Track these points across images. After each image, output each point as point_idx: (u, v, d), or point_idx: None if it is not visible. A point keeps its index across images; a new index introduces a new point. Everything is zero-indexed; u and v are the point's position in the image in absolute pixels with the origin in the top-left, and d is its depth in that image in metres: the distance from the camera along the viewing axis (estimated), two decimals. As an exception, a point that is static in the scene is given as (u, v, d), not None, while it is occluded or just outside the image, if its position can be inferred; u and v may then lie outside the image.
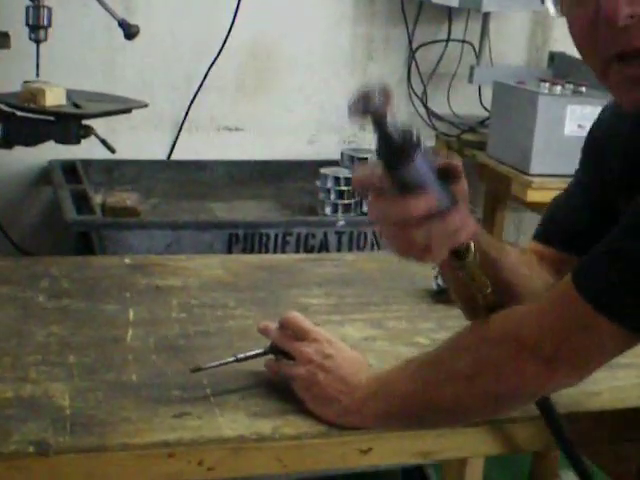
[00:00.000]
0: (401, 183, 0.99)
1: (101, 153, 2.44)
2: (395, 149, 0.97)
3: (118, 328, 1.42)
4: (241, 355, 1.29)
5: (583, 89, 2.69)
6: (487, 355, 1.10)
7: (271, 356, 1.29)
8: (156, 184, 2.90)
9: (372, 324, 1.52)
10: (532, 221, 3.31)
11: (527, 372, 1.07)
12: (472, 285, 1.15)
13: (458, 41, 3.14)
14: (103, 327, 1.42)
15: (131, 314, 1.47)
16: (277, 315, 1.49)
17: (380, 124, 0.96)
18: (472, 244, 1.10)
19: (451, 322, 1.55)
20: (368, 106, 0.96)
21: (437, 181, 1.02)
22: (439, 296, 1.64)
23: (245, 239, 2.43)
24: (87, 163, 2.81)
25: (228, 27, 2.89)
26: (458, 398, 1.13)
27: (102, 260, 1.71)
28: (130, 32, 2.30)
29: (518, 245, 1.28)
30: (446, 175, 1.05)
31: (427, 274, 1.74)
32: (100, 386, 1.23)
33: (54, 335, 1.38)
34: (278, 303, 1.57)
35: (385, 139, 0.97)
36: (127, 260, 1.71)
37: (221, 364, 1.29)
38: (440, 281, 1.64)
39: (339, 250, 2.52)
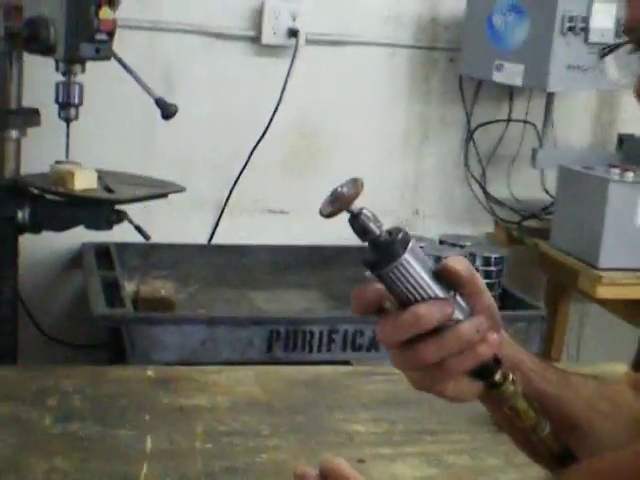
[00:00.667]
0: (392, 289, 0.82)
1: (137, 236, 2.27)
2: (376, 243, 0.83)
3: (132, 462, 1.22)
4: None
5: (657, 176, 2.47)
6: None
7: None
8: (195, 269, 2.72)
9: (428, 460, 1.30)
10: (599, 314, 3.07)
11: None
12: (521, 425, 0.93)
13: (519, 121, 2.95)
14: (114, 460, 1.22)
15: (148, 444, 1.27)
16: (317, 446, 1.30)
17: (354, 216, 0.84)
18: (510, 373, 0.89)
19: (520, 458, 1.32)
20: (340, 201, 0.84)
21: (439, 287, 0.83)
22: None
23: (287, 336, 2.23)
24: (122, 247, 2.64)
25: (275, 104, 2.73)
26: None
27: (121, 372, 1.51)
28: (168, 112, 2.13)
29: (593, 377, 1.04)
30: (458, 285, 0.85)
31: (491, 395, 1.52)
32: None
33: (56, 471, 1.18)
34: (319, 431, 1.36)
35: (363, 233, 0.83)
36: (149, 372, 1.51)
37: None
38: (507, 406, 1.41)
39: (389, 349, 2.31)
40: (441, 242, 2.65)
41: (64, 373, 1.47)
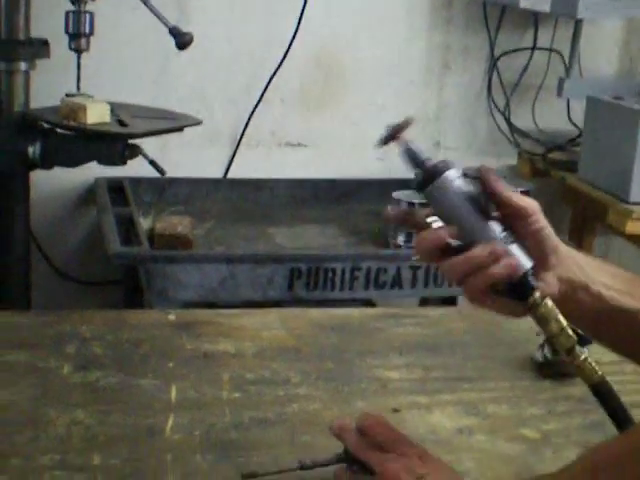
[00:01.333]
0: (433, 205, 0.97)
1: (151, 170, 2.19)
2: (420, 162, 0.97)
3: (156, 414, 1.15)
4: (307, 462, 1.02)
5: (691, 107, 2.37)
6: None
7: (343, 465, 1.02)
8: (211, 205, 2.65)
9: (466, 409, 1.24)
10: (623, 249, 3.00)
11: None
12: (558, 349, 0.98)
13: (545, 49, 2.83)
14: (138, 412, 1.16)
15: (173, 393, 1.21)
16: (350, 395, 1.24)
17: (403, 145, 0.99)
18: (548, 299, 0.95)
19: (563, 406, 1.28)
20: (392, 133, 1.00)
21: (478, 204, 0.96)
22: (546, 370, 1.36)
23: (308, 274, 2.16)
24: (136, 182, 2.57)
25: (292, 33, 2.63)
26: None
27: (141, 317, 1.45)
28: (182, 41, 2.04)
29: None
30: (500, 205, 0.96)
31: (530, 338, 1.46)
32: (129, 504, 0.97)
33: (78, 424, 1.12)
34: (350, 378, 1.30)
35: (412, 159, 0.98)
36: (171, 317, 1.45)
37: (281, 471, 1.02)
38: (547, 351, 1.35)
39: (414, 287, 2.24)
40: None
41: (82, 318, 1.41)
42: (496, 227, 0.96)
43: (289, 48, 2.63)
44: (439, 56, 2.84)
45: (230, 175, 2.74)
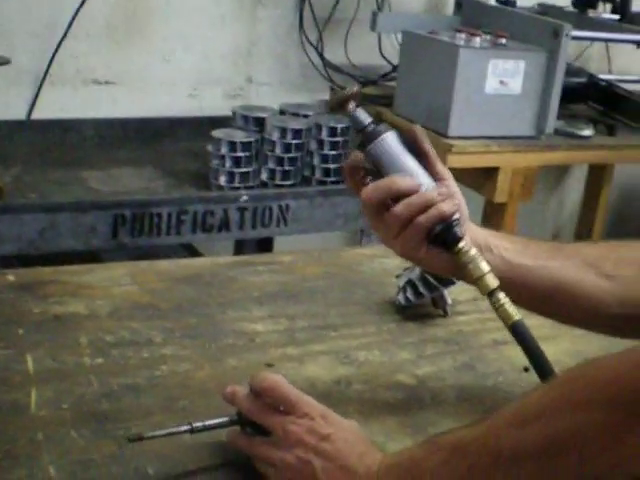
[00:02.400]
0: (374, 163, 1.03)
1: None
2: (363, 127, 1.04)
3: (16, 388, 1.05)
4: (198, 424, 0.96)
5: (504, 41, 2.42)
6: (568, 426, 0.75)
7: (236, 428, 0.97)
8: (15, 149, 2.46)
9: (339, 358, 1.21)
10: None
11: (628, 447, 0.73)
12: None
13: (356, -17, 2.81)
14: (-4, 387, 1.05)
15: (30, 363, 1.11)
16: (219, 352, 1.18)
17: (349, 110, 1.04)
18: (472, 246, 1.02)
19: (432, 348, 1.27)
20: (340, 102, 1.04)
21: (414, 161, 1.03)
22: (409, 312, 1.35)
23: (133, 220, 2.06)
24: None
25: (96, -37, 2.46)
26: None
27: (-23, 279, 1.32)
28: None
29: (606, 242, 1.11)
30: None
31: (384, 281, 1.45)
32: (6, 492, 0.88)
33: None
34: (216, 333, 1.24)
35: (355, 121, 1.04)
36: (10, 277, 1.33)
37: (170, 433, 0.96)
38: (410, 294, 1.34)
39: (241, 228, 2.19)
40: (282, 112, 2.51)
41: None
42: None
43: (95, -21, 2.47)
44: (250, -12, 2.76)
45: (34, 116, 2.57)
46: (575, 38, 2.54)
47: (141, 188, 2.32)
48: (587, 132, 2.58)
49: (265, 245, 2.82)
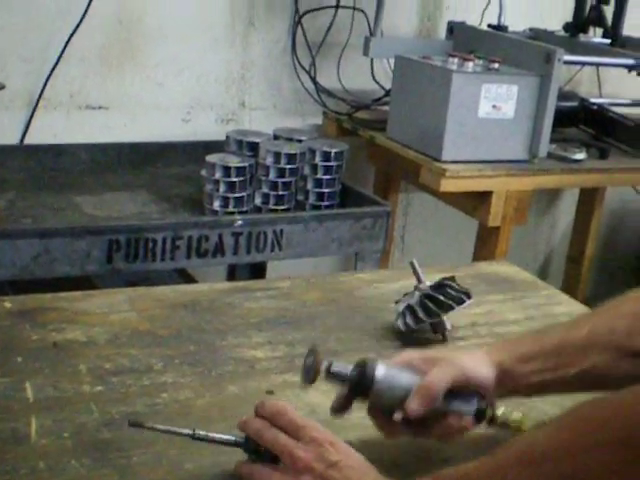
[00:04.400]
0: (384, 399, 1.02)
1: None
2: (354, 385, 1.02)
3: (17, 417, 1.04)
4: (201, 432, 0.95)
5: (497, 65, 2.43)
6: (580, 468, 0.74)
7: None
8: (8, 174, 2.47)
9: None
10: (422, 201, 3.08)
11: None
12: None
13: (348, 8, 2.82)
14: (-5, 416, 1.04)
15: (29, 391, 1.10)
16: (220, 379, 1.18)
17: (331, 377, 1.03)
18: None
19: (431, 375, 1.26)
20: (313, 373, 1.02)
21: (406, 372, 1.03)
22: (408, 337, 1.35)
23: (128, 245, 2.06)
24: None
25: (90, -11, 2.47)
26: None
27: (-25, 307, 1.32)
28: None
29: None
30: None
31: (383, 306, 1.45)
32: (8, 523, 0.87)
33: None
34: (216, 360, 1.23)
35: (339, 380, 1.02)
36: (7, 304, 1.32)
37: (171, 431, 0.96)
38: (409, 319, 1.34)
39: (235, 253, 2.19)
40: (276, 137, 2.52)
41: None
42: None
43: (89, 5, 2.47)
44: (243, 13, 2.76)
45: (27, 141, 2.56)
46: (567, 62, 2.55)
47: (135, 213, 2.32)
48: (580, 155, 2.59)
49: (258, 270, 2.82)
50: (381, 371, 1.01)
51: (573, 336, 1.04)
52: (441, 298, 1.33)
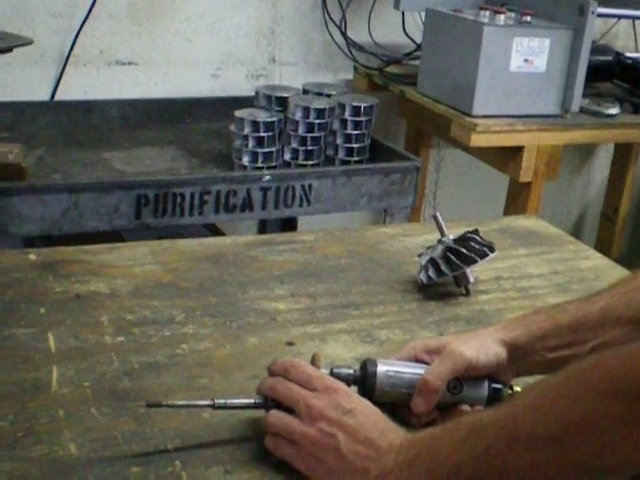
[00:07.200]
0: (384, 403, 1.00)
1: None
2: (357, 385, 1.02)
3: (38, 367, 1.06)
4: (220, 400, 0.96)
5: (529, 18, 2.39)
6: (586, 414, 0.75)
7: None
8: (38, 130, 2.48)
9: (360, 336, 1.21)
10: (454, 157, 3.05)
11: None
12: None
13: (379, -40, 2.79)
14: (18, 366, 1.05)
15: (52, 342, 1.11)
16: (240, 331, 1.18)
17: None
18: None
19: (453, 327, 1.26)
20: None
21: (407, 366, 1.04)
22: (430, 290, 1.34)
23: (156, 200, 2.07)
24: (-46, 107, 2.37)
25: (118, -57, 2.46)
26: (536, 469, 0.80)
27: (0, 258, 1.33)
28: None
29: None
30: None
31: (405, 260, 1.44)
32: (28, 468, 0.88)
33: (-49, 384, 1.01)
34: (237, 312, 1.23)
35: (346, 383, 0.99)
36: (32, 257, 1.33)
37: (190, 405, 0.96)
38: (432, 272, 1.33)
39: (264, 208, 2.19)
40: (305, 92, 2.50)
41: None
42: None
43: (116, -41, 2.46)
44: (272, -33, 2.74)
45: (57, 97, 2.57)
46: (601, 15, 2.51)
47: (164, 168, 2.33)
48: (613, 110, 2.55)
49: (289, 225, 2.83)
50: (383, 369, 1.01)
51: (588, 311, 1.03)
52: (464, 251, 1.32)
